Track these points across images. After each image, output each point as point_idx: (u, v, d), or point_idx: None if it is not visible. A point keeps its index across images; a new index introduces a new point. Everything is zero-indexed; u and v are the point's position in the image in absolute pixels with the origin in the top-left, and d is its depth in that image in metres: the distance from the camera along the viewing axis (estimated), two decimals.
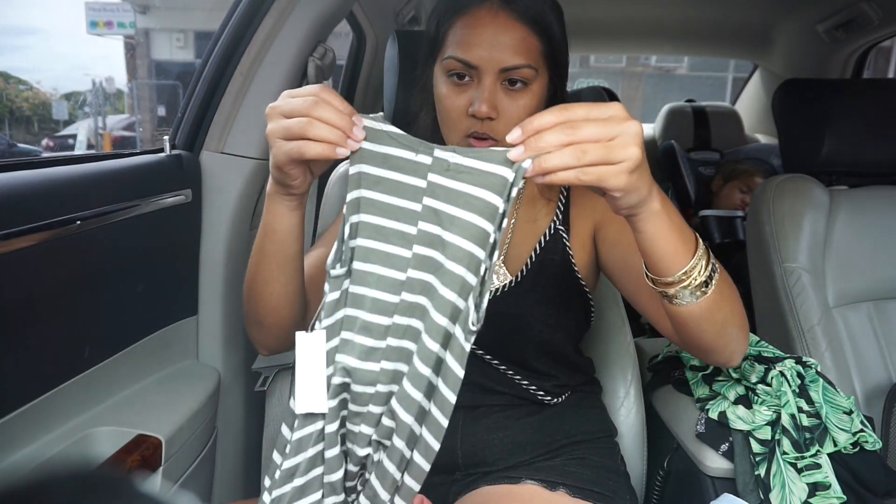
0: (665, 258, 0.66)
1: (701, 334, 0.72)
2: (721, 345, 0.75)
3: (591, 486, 0.87)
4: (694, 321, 0.70)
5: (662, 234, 0.65)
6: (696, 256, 0.67)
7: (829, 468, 0.90)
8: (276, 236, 0.74)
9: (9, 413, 0.77)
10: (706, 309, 0.69)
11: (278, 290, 0.78)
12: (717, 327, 0.72)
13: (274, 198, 0.72)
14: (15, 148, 9.85)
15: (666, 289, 0.68)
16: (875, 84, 1.65)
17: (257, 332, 0.84)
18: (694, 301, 0.68)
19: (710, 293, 0.68)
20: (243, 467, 1.19)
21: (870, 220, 1.32)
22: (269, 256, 0.76)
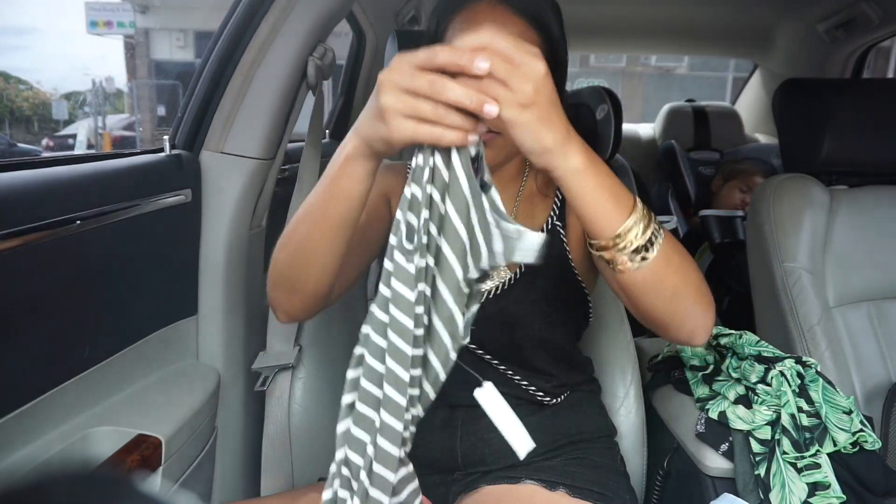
0: (595, 219, 0.65)
1: (650, 305, 0.69)
2: (676, 319, 0.71)
3: (590, 486, 0.87)
4: (639, 290, 0.68)
5: (587, 195, 0.63)
6: (631, 218, 0.65)
7: (828, 468, 0.90)
8: (348, 202, 0.70)
9: (8, 413, 0.77)
10: (650, 277, 0.66)
11: (328, 257, 0.74)
12: (667, 298, 0.69)
13: (357, 161, 0.67)
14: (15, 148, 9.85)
15: (602, 253, 0.66)
16: (875, 84, 1.65)
17: (286, 298, 0.79)
18: (635, 267, 0.65)
19: (651, 260, 0.65)
20: (243, 467, 1.19)
21: (870, 220, 1.32)
22: (333, 222, 0.71)
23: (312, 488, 0.90)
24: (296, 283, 0.77)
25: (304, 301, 0.79)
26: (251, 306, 1.18)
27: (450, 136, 0.59)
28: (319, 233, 0.73)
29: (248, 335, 1.17)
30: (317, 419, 1.05)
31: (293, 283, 0.77)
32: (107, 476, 0.52)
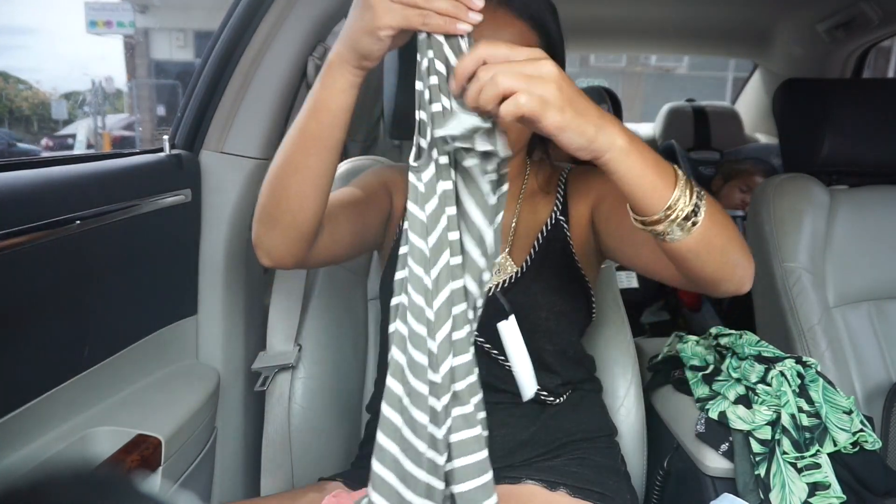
0: (645, 196, 0.65)
1: (704, 266, 0.71)
2: (728, 273, 0.73)
3: (591, 486, 0.87)
4: (693, 254, 0.69)
5: (636, 172, 0.64)
6: (677, 188, 0.66)
7: (828, 468, 0.90)
8: (326, 115, 0.71)
9: (8, 413, 0.77)
10: (701, 239, 0.68)
11: (307, 180, 0.74)
12: (718, 255, 0.71)
13: (340, 68, 0.69)
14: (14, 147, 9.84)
15: (654, 227, 0.67)
16: (875, 84, 1.65)
17: (266, 232, 0.79)
18: (686, 234, 0.67)
19: (700, 223, 0.67)
20: (243, 467, 1.19)
21: (870, 220, 1.32)
22: (309, 138, 0.72)
23: (312, 488, 0.90)
24: (275, 212, 0.77)
25: (284, 235, 0.78)
26: (251, 306, 1.18)
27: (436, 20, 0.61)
28: (300, 154, 0.73)
29: (247, 335, 1.17)
30: (317, 419, 1.05)
31: (273, 212, 0.77)
32: (107, 476, 0.52)
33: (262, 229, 0.79)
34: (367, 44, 0.66)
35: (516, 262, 0.93)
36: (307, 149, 0.73)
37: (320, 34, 1.09)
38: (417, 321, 0.65)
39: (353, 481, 0.92)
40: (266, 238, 0.79)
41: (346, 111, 0.72)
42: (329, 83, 0.70)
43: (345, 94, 0.71)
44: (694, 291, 0.82)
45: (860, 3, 1.87)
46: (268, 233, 0.79)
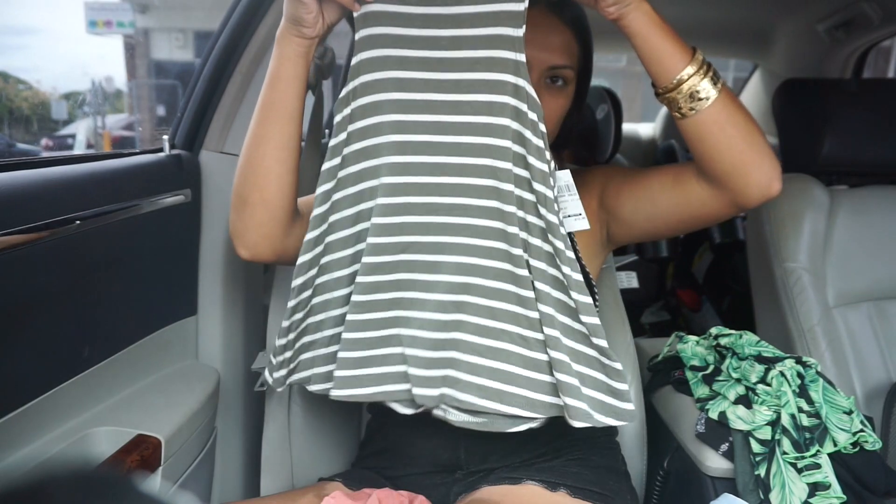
0: (664, 58, 0.73)
1: (729, 144, 0.75)
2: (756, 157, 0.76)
3: (591, 487, 0.87)
4: (718, 126, 0.75)
5: (655, 32, 0.72)
6: (693, 63, 0.73)
7: (829, 468, 0.90)
8: (280, 84, 0.76)
9: (9, 413, 0.77)
10: (720, 113, 0.74)
11: (269, 152, 0.78)
12: (742, 132, 0.75)
13: (284, 39, 0.75)
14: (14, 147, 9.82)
15: (670, 96, 0.74)
16: (875, 84, 1.65)
17: (239, 216, 0.81)
18: (703, 107, 0.74)
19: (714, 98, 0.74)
20: (243, 467, 1.19)
21: (870, 220, 1.32)
22: (268, 108, 0.78)
23: (312, 488, 0.90)
24: (243, 191, 0.80)
25: (253, 216, 0.80)
26: (251, 306, 1.18)
27: None
28: (263, 125, 0.78)
29: (247, 335, 1.17)
30: (317, 419, 1.05)
31: (242, 191, 0.80)
32: (107, 476, 0.52)
33: (235, 214, 0.82)
34: (292, 8, 0.72)
35: None
36: (267, 118, 0.78)
37: None
38: None
39: (352, 481, 0.92)
40: (239, 223, 0.82)
41: (297, 79, 0.77)
42: (278, 54, 0.76)
43: (292, 62, 0.76)
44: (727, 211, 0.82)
45: (860, 3, 1.87)
46: (239, 216, 0.81)
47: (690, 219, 0.86)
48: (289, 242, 0.83)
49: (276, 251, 0.83)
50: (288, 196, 0.80)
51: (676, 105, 0.75)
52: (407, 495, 0.87)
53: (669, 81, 0.74)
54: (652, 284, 2.33)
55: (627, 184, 0.91)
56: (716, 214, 0.83)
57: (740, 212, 0.82)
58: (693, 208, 0.83)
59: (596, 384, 0.75)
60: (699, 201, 0.82)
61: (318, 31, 0.75)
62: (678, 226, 0.89)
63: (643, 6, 0.72)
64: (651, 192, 0.87)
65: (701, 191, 0.81)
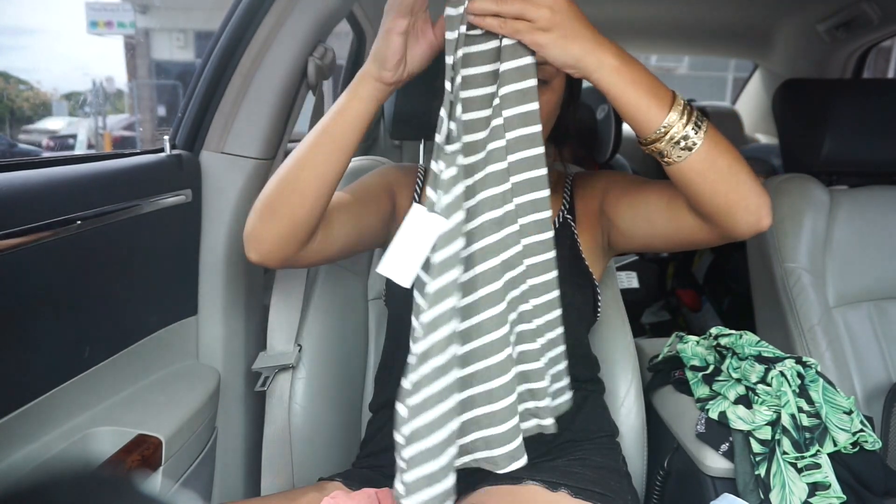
0: (639, 113, 0.72)
1: (715, 189, 0.75)
2: (742, 197, 0.75)
3: (592, 487, 0.87)
4: (701, 175, 0.74)
5: (627, 91, 0.71)
6: (673, 111, 0.72)
7: (829, 468, 0.90)
8: (344, 117, 0.78)
9: (9, 413, 0.77)
10: (705, 158, 0.73)
11: (314, 177, 0.79)
12: (726, 175, 0.74)
13: (364, 79, 0.78)
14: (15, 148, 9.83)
15: (655, 146, 0.73)
16: (875, 84, 1.65)
17: (264, 224, 0.81)
18: (689, 154, 0.73)
19: (700, 143, 0.72)
20: (243, 467, 1.19)
21: (870, 220, 1.32)
22: (325, 137, 0.79)
23: (312, 488, 0.90)
24: (276, 203, 0.81)
25: (279, 229, 0.80)
26: (251, 306, 1.18)
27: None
28: (313, 147, 0.80)
29: (248, 335, 1.17)
30: (317, 419, 1.05)
31: (274, 203, 0.81)
32: (107, 476, 0.52)
33: (259, 221, 0.82)
34: (382, 47, 0.74)
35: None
36: (321, 145, 0.79)
37: (320, 34, 1.09)
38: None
39: (352, 481, 0.92)
40: (260, 230, 0.82)
41: (363, 118, 0.79)
42: (354, 88, 0.78)
43: (364, 102, 0.78)
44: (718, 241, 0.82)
45: (860, 3, 1.87)
46: (264, 225, 0.81)
47: (684, 243, 0.87)
48: (300, 254, 0.84)
49: (286, 261, 0.84)
50: (317, 218, 0.81)
51: (662, 154, 0.74)
52: None
53: (651, 133, 0.73)
54: (652, 284, 2.33)
55: (627, 196, 0.92)
56: (707, 243, 0.84)
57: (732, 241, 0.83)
58: (684, 234, 0.84)
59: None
60: (690, 230, 0.83)
61: (399, 76, 0.77)
62: (675, 246, 0.90)
63: (607, 61, 0.70)
64: (647, 210, 0.88)
65: (692, 222, 0.82)
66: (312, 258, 0.87)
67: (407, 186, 1.01)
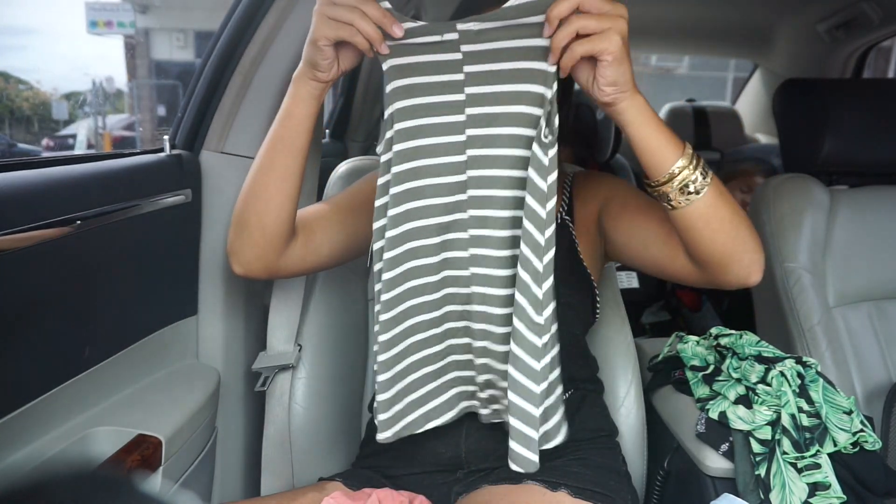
0: (656, 153, 0.74)
1: (713, 239, 0.76)
2: (738, 251, 0.77)
3: (592, 487, 0.87)
4: (703, 222, 0.75)
5: (649, 128, 0.73)
6: (683, 157, 0.74)
7: (829, 468, 0.90)
8: (291, 122, 0.81)
9: (9, 413, 0.77)
10: (709, 207, 0.75)
11: (272, 181, 0.82)
12: (727, 227, 0.76)
13: (300, 81, 0.79)
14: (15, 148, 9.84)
15: (662, 189, 0.75)
16: (875, 84, 1.65)
17: (237, 237, 0.86)
18: (691, 202, 0.74)
19: (704, 193, 0.74)
20: (243, 467, 1.19)
21: (870, 220, 1.32)
22: (277, 141, 0.82)
23: (312, 488, 0.90)
24: (244, 215, 0.85)
25: (251, 239, 0.85)
26: (251, 306, 1.18)
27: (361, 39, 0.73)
28: (268, 153, 0.83)
29: (248, 335, 1.17)
30: (317, 419, 1.05)
31: (242, 214, 0.85)
32: (107, 476, 0.52)
33: (233, 234, 0.86)
34: (311, 54, 0.76)
35: None
36: (274, 150, 0.82)
37: None
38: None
39: (353, 481, 0.92)
40: (236, 242, 0.86)
41: (309, 118, 0.81)
42: (293, 92, 0.80)
43: (305, 102, 0.80)
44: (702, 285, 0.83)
45: (860, 3, 1.87)
46: (238, 237, 0.86)
47: (669, 277, 0.87)
48: (281, 262, 0.87)
49: (270, 270, 0.88)
50: (286, 223, 0.84)
51: (667, 198, 0.75)
52: (407, 495, 0.87)
53: (661, 175, 0.74)
54: (652, 284, 2.33)
55: (627, 213, 0.91)
56: (692, 284, 0.86)
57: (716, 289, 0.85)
58: (673, 270, 0.85)
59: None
60: (681, 268, 0.83)
61: (333, 75, 0.79)
62: (659, 275, 0.90)
63: (638, 98, 0.72)
64: (645, 236, 0.88)
65: (685, 262, 0.82)
66: (299, 266, 0.90)
67: None
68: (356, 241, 0.95)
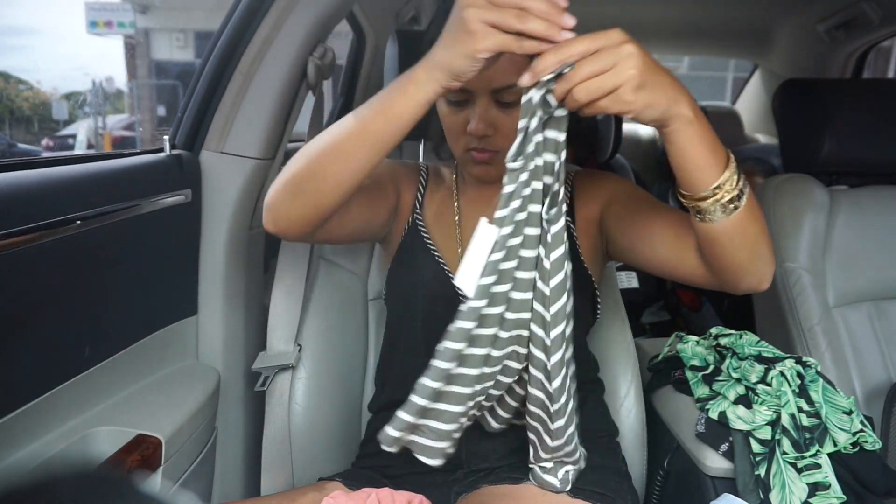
0: (697, 170, 0.69)
1: (735, 253, 0.74)
2: (754, 264, 0.75)
3: (592, 487, 0.87)
4: (728, 238, 0.72)
5: (695, 145, 0.67)
6: (728, 170, 0.69)
7: (828, 468, 0.90)
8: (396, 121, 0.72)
9: (9, 413, 0.77)
10: (738, 224, 0.71)
11: (350, 169, 0.76)
12: (751, 244, 0.74)
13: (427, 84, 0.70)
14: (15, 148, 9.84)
15: (699, 204, 0.70)
16: (875, 84, 1.65)
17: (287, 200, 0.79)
18: (726, 217, 0.70)
19: (741, 209, 0.70)
20: (243, 467, 1.19)
21: (870, 220, 1.32)
22: (370, 133, 0.74)
23: (312, 488, 0.90)
24: (304, 185, 0.78)
25: (303, 208, 0.79)
26: (251, 306, 1.18)
27: (531, 44, 0.64)
28: (354, 141, 0.75)
29: (248, 335, 1.17)
30: (317, 419, 1.05)
31: (302, 184, 0.78)
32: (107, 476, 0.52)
33: (283, 196, 0.80)
34: (463, 65, 0.67)
35: None
36: (363, 142, 0.74)
37: (320, 34, 1.09)
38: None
39: (352, 481, 0.92)
40: (282, 205, 0.80)
41: (415, 121, 0.73)
42: (411, 93, 0.71)
43: (421, 107, 0.72)
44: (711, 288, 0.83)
45: (860, 3, 1.87)
46: (288, 201, 0.79)
47: (677, 278, 0.85)
48: (314, 233, 0.83)
49: (302, 236, 0.83)
50: (342, 205, 0.80)
51: (702, 212, 0.71)
52: (407, 495, 0.87)
53: (701, 190, 0.70)
54: (652, 284, 2.33)
55: (629, 214, 0.90)
56: (701, 285, 0.84)
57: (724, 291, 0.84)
58: (682, 272, 0.83)
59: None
60: (691, 270, 0.81)
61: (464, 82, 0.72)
62: (666, 276, 0.88)
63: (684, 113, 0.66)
64: (651, 238, 0.86)
65: (696, 264, 0.80)
66: (323, 237, 0.87)
67: (410, 184, 1.01)
68: (374, 223, 0.94)
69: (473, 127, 0.84)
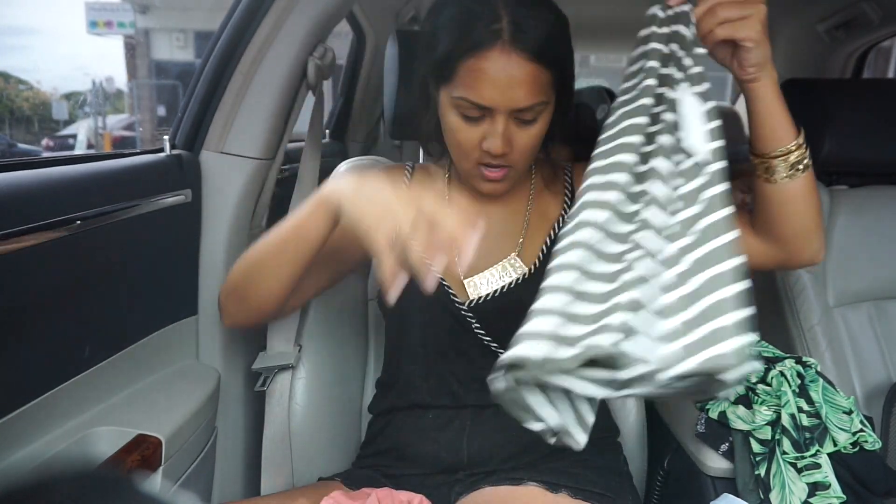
0: (781, 127, 0.80)
1: (801, 216, 0.82)
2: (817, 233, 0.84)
3: (593, 488, 0.87)
4: (799, 198, 0.82)
5: (779, 103, 0.79)
6: (801, 135, 0.81)
7: (828, 468, 0.90)
8: (308, 239, 0.79)
9: (9, 413, 0.77)
10: (805, 185, 0.81)
11: (277, 282, 0.84)
12: (813, 211, 0.83)
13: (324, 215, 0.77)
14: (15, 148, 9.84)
15: (774, 162, 0.81)
16: (875, 84, 1.65)
17: (234, 304, 0.89)
18: (794, 178, 0.80)
19: (807, 171, 0.81)
20: (243, 467, 1.19)
21: (870, 220, 1.32)
22: (287, 254, 0.81)
23: (312, 488, 0.90)
24: (243, 294, 0.87)
25: (248, 313, 0.89)
26: None
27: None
28: (275, 260, 0.83)
29: (248, 335, 1.17)
30: (317, 419, 1.05)
31: (242, 293, 0.87)
32: (107, 476, 0.52)
33: (229, 301, 0.89)
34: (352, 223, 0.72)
35: (526, 263, 0.92)
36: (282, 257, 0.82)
37: (320, 34, 1.09)
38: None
39: (352, 481, 0.92)
40: (231, 308, 0.90)
41: (322, 241, 0.80)
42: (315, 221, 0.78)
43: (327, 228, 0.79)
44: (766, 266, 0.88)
45: (860, 3, 1.87)
46: (234, 305, 0.89)
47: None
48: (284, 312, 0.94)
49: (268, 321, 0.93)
50: (284, 299, 0.87)
51: (773, 170, 0.80)
52: (407, 495, 0.87)
53: (778, 148, 0.80)
54: None
55: None
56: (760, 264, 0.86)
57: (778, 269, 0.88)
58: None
59: None
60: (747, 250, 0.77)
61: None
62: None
63: (774, 75, 0.77)
64: None
65: (754, 243, 0.85)
66: (287, 313, 0.97)
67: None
68: (343, 270, 0.99)
69: (493, 146, 0.81)
